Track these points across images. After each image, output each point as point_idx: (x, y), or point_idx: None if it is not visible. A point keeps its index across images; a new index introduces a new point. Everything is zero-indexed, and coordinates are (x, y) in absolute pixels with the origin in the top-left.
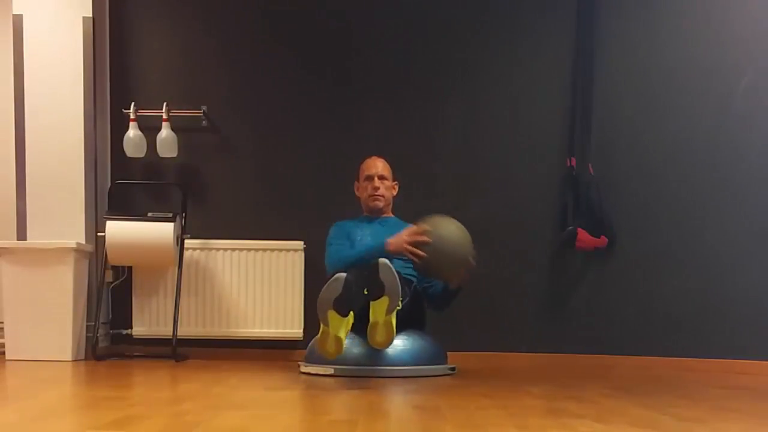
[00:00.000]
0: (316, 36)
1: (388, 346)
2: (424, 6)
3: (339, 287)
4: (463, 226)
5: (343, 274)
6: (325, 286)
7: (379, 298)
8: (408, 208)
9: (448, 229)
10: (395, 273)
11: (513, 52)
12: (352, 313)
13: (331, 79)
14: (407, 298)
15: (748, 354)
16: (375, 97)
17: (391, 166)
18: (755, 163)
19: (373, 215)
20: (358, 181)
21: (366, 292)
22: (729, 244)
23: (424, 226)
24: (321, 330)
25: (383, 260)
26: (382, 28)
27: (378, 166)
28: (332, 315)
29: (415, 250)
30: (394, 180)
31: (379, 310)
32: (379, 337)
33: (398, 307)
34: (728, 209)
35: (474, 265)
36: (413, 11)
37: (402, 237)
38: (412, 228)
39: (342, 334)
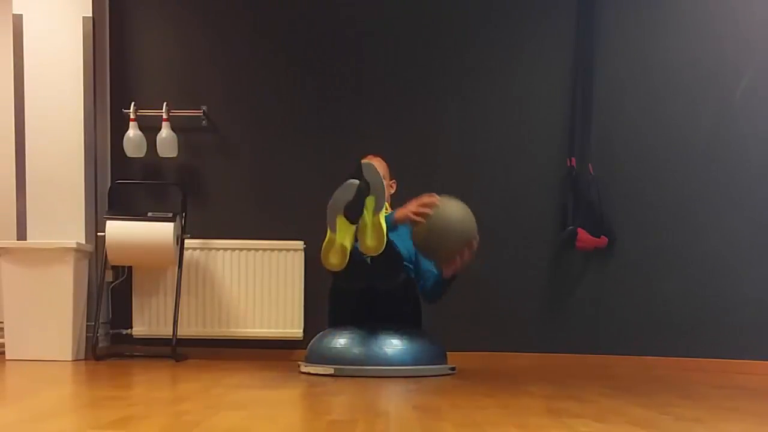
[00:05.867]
0: (315, 36)
1: (379, 251)
2: (424, 6)
3: (351, 192)
4: (468, 209)
5: (356, 180)
6: (337, 190)
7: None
8: None
9: (454, 207)
10: (379, 173)
11: (513, 52)
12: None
13: (331, 79)
14: (403, 277)
15: (748, 354)
16: (375, 97)
17: (390, 166)
18: (755, 163)
19: None
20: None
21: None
22: (729, 244)
23: (434, 198)
24: (327, 238)
25: (365, 161)
26: (383, 28)
27: None
28: (341, 220)
29: (419, 213)
30: (391, 178)
31: (367, 211)
32: (369, 240)
33: (385, 211)
34: (728, 209)
35: (474, 247)
36: (413, 12)
37: (409, 207)
38: (421, 198)
39: (347, 243)
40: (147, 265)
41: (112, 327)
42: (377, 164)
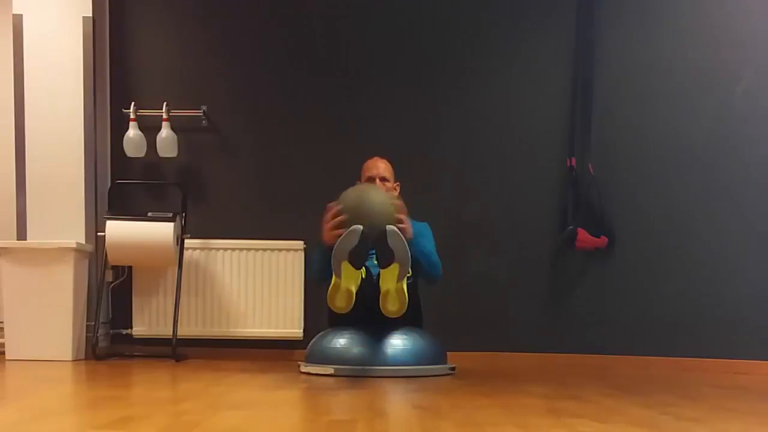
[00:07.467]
0: (315, 36)
1: (401, 314)
2: (424, 6)
3: (355, 239)
4: (365, 190)
5: (360, 226)
6: (341, 237)
7: (389, 265)
8: (407, 209)
9: (350, 197)
10: (404, 239)
11: (513, 52)
12: (363, 269)
13: (330, 79)
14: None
15: (747, 354)
16: (375, 98)
17: (392, 167)
18: (754, 164)
19: None
20: (359, 180)
21: (376, 261)
22: (728, 244)
23: (336, 207)
24: (332, 283)
25: (391, 227)
26: (383, 29)
27: (379, 167)
28: (346, 266)
29: (337, 230)
30: (396, 181)
31: (389, 278)
32: (391, 305)
33: (408, 274)
34: (727, 209)
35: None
36: (413, 12)
37: (324, 227)
38: (326, 217)
39: (353, 288)
40: (147, 265)
41: (112, 327)
42: (382, 166)
